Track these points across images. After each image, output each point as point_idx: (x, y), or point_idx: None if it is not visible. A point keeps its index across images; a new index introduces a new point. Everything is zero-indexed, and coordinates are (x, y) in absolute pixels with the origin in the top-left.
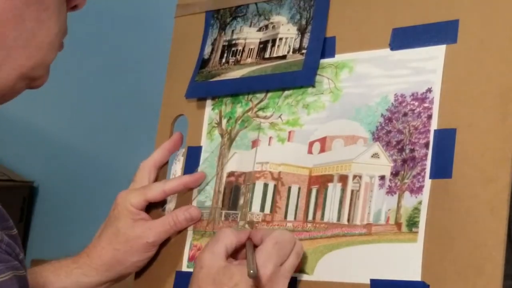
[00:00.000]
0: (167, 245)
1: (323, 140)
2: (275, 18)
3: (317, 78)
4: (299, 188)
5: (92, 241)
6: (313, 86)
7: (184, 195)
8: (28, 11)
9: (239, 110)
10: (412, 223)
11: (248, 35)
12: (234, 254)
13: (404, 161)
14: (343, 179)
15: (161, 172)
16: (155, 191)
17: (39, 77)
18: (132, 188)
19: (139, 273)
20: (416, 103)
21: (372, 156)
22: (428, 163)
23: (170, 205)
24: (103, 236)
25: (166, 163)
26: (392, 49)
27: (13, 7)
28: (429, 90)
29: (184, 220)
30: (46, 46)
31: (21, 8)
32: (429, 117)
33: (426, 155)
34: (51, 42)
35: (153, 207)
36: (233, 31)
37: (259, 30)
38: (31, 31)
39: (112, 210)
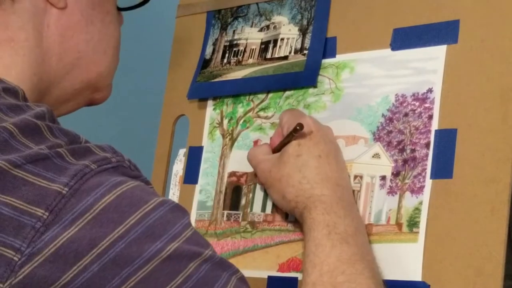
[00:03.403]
0: None
1: None
2: (276, 19)
3: (318, 78)
4: None
5: None
6: (315, 86)
7: (186, 197)
8: (94, 13)
9: (240, 110)
10: (413, 223)
11: (250, 36)
12: None
13: (405, 161)
14: None
15: (162, 172)
16: None
17: (102, 88)
18: None
19: None
20: (417, 103)
21: (373, 156)
22: (429, 163)
23: None
24: None
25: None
26: (393, 49)
27: (81, 9)
28: (430, 90)
29: None
30: (112, 51)
31: (87, 10)
32: (430, 117)
33: (427, 155)
34: (115, 48)
35: None
36: (234, 31)
37: (261, 30)
38: (99, 34)
39: None
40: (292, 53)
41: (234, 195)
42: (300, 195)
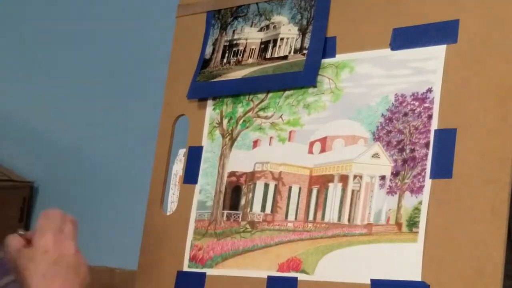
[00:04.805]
0: (168, 245)
1: (323, 140)
2: (276, 18)
3: (318, 78)
4: (300, 188)
5: None
6: (315, 86)
7: (186, 196)
8: None
9: (240, 110)
10: (413, 223)
11: (249, 35)
12: None
13: (405, 161)
14: (344, 179)
15: (162, 172)
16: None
17: None
18: None
19: (141, 273)
20: (417, 103)
21: (372, 156)
22: (429, 163)
23: (172, 205)
24: None
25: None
26: (392, 49)
27: None
28: (430, 90)
29: None
30: None
31: None
32: (430, 117)
33: (426, 155)
34: None
35: None
36: (234, 31)
37: (260, 30)
38: None
39: None
40: (292, 53)
41: (233, 195)
42: None
